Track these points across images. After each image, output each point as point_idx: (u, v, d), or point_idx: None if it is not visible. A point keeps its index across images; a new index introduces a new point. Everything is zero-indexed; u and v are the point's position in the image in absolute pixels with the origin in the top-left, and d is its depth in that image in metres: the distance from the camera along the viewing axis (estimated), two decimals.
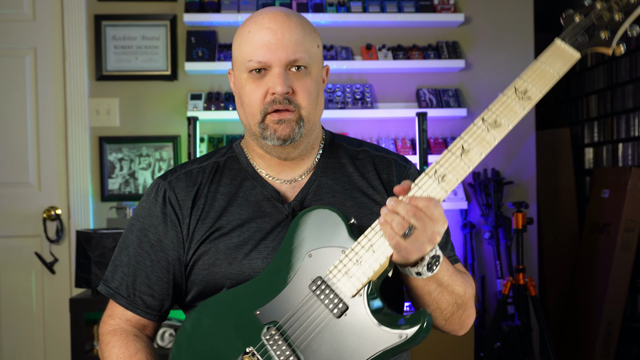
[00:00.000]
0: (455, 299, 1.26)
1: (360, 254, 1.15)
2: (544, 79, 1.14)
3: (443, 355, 2.88)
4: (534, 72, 1.15)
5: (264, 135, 1.30)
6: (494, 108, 1.14)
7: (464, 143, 1.13)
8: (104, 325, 1.37)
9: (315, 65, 1.32)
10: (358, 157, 1.41)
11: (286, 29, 1.27)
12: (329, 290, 1.16)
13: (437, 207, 1.12)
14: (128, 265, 1.35)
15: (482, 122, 1.14)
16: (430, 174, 1.14)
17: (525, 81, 1.14)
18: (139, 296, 1.34)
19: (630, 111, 3.96)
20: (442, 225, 1.13)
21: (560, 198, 4.33)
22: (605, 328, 3.72)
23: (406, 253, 1.12)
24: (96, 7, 3.36)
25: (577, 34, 1.14)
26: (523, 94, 1.13)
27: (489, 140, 1.13)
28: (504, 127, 1.13)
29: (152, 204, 1.36)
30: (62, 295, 3.31)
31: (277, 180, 1.37)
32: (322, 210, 1.23)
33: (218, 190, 1.35)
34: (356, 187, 1.37)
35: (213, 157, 1.42)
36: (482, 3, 3.51)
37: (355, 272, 1.14)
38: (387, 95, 3.48)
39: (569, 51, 1.15)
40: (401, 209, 1.11)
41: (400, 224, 1.10)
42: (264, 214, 1.32)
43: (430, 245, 1.13)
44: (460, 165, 1.13)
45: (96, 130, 3.36)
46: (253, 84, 1.29)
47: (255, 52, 1.27)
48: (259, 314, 1.19)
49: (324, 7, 3.36)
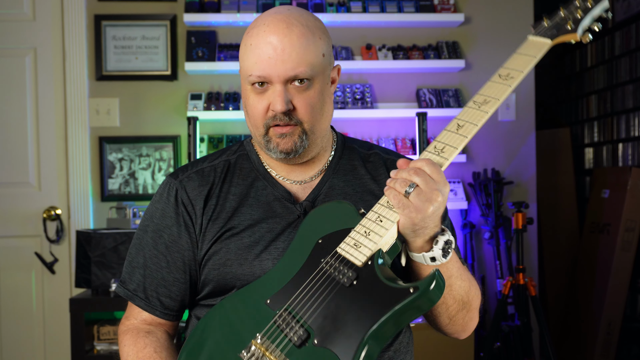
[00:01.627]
0: (461, 295, 1.26)
1: (368, 225, 1.15)
2: (523, 62, 1.24)
3: (443, 355, 2.88)
4: (513, 60, 1.26)
5: (268, 147, 1.30)
6: (483, 90, 1.23)
7: (458, 121, 1.20)
8: (121, 327, 1.39)
9: (319, 76, 1.29)
10: (369, 160, 1.42)
11: (287, 43, 1.24)
12: (338, 263, 1.15)
13: (436, 167, 1.14)
14: (145, 267, 1.36)
15: (473, 103, 1.22)
16: (430, 150, 1.19)
17: (507, 68, 1.25)
18: (157, 298, 1.35)
19: (630, 111, 3.96)
20: (444, 185, 1.13)
21: (560, 198, 4.33)
22: (605, 328, 3.72)
23: (409, 211, 1.11)
24: (96, 7, 3.36)
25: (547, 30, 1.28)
26: (507, 76, 1.23)
27: (481, 115, 1.20)
28: (493, 102, 1.21)
29: (165, 204, 1.36)
30: (62, 295, 3.31)
31: (287, 180, 1.37)
32: (330, 203, 1.26)
33: (230, 191, 1.35)
34: (368, 190, 1.37)
35: (224, 155, 1.42)
36: (482, 3, 3.51)
37: (364, 242, 1.14)
38: (387, 95, 3.48)
39: (541, 40, 1.27)
40: (403, 172, 1.14)
41: (402, 182, 1.12)
42: (275, 214, 1.32)
43: (432, 203, 1.12)
44: (457, 137, 1.18)
45: (96, 130, 3.36)
46: (255, 97, 1.29)
47: (255, 67, 1.26)
48: (269, 302, 1.19)
49: (324, 7, 3.36)
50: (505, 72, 1.25)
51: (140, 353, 1.31)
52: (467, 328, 1.33)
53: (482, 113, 1.19)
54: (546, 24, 1.29)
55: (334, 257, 1.16)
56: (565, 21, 1.28)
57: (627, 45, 3.99)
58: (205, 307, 1.35)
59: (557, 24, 1.28)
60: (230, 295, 1.27)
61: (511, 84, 1.22)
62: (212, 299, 1.33)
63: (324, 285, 1.15)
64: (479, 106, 1.21)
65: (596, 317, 3.77)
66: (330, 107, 1.35)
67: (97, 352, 2.88)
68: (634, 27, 3.90)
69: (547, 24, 1.29)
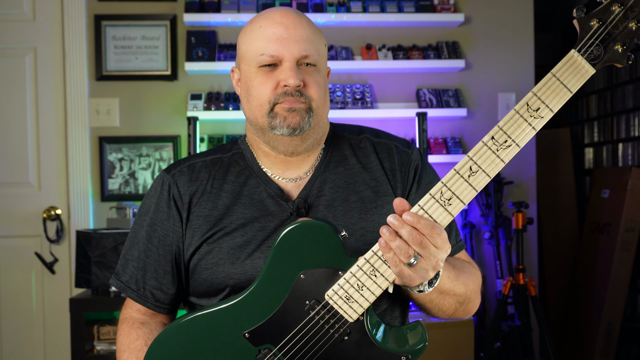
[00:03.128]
0: (457, 299, 1.27)
1: (362, 279, 1.12)
2: (558, 96, 1.07)
3: (443, 355, 2.87)
4: (547, 87, 1.07)
5: (273, 124, 1.29)
6: (506, 126, 1.07)
7: (472, 164, 1.08)
8: (120, 316, 1.41)
9: (323, 63, 1.33)
10: (360, 146, 1.40)
11: (298, 25, 1.29)
12: (329, 314, 1.14)
13: (442, 234, 1.08)
14: (138, 260, 1.37)
15: (492, 141, 1.07)
16: (437, 197, 1.09)
17: (539, 98, 1.07)
18: (149, 290, 1.36)
19: (630, 111, 3.96)
20: (446, 252, 1.10)
21: (560, 198, 4.33)
22: (605, 328, 3.72)
23: (409, 280, 1.10)
24: (96, 7, 3.36)
25: (593, 44, 1.06)
26: (536, 111, 1.07)
27: (497, 163, 1.07)
28: (513, 149, 1.07)
29: (158, 199, 1.37)
30: (62, 295, 3.31)
31: (282, 179, 1.36)
32: (310, 223, 1.16)
33: (222, 188, 1.35)
34: (360, 180, 1.36)
35: (218, 152, 1.42)
36: (482, 3, 3.51)
37: (357, 298, 1.13)
38: (387, 95, 3.48)
39: (584, 66, 1.07)
40: (405, 233, 1.07)
41: (405, 253, 1.07)
42: (268, 212, 1.32)
43: (433, 271, 1.11)
44: (467, 190, 1.08)
45: (96, 130, 3.36)
46: (263, 77, 1.29)
47: (268, 46, 1.27)
48: (248, 336, 1.17)
49: (324, 7, 3.36)
50: (535, 104, 1.06)
51: (132, 345, 1.33)
52: (468, 314, 1.35)
53: (499, 162, 1.07)
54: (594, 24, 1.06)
55: (324, 308, 1.15)
56: (615, 36, 1.05)
57: None
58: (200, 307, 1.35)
59: (605, 38, 1.06)
60: (197, 316, 1.21)
61: (537, 126, 1.07)
62: (207, 299, 1.34)
63: (315, 338, 1.15)
64: (497, 148, 1.07)
65: (596, 317, 3.77)
66: (329, 100, 1.38)
67: (97, 352, 2.88)
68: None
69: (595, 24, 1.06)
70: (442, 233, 1.08)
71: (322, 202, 1.33)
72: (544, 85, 1.07)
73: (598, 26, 1.05)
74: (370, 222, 1.31)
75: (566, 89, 1.06)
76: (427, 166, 1.41)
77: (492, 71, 3.51)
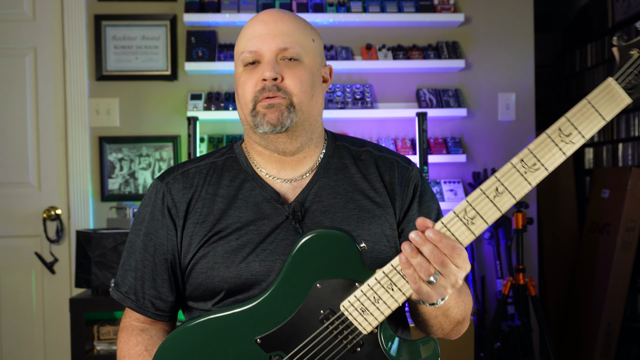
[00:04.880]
0: (457, 319, 1.29)
1: (379, 293, 1.12)
2: (592, 123, 1.05)
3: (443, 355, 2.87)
4: (582, 113, 1.05)
5: (256, 122, 1.30)
6: (535, 150, 1.06)
7: (498, 186, 1.07)
8: (120, 325, 1.42)
9: (309, 58, 1.32)
10: (361, 158, 1.40)
11: (278, 20, 1.31)
12: (343, 325, 1.14)
13: (463, 253, 1.08)
14: (136, 270, 1.37)
15: (521, 163, 1.07)
16: (461, 215, 1.08)
17: (573, 123, 1.05)
18: (148, 299, 1.36)
19: (630, 111, 3.96)
20: (465, 270, 1.10)
21: (560, 198, 4.34)
22: (605, 328, 3.72)
23: (427, 297, 1.10)
24: (96, 7, 3.36)
25: (631, 73, 1.04)
26: (567, 137, 1.06)
27: (525, 186, 1.06)
28: (541, 172, 1.06)
29: (152, 207, 1.37)
30: (62, 295, 3.31)
31: (277, 179, 1.35)
32: (330, 232, 1.15)
33: (217, 193, 1.35)
34: (358, 189, 1.35)
35: (212, 157, 1.41)
36: (482, 3, 3.51)
37: (373, 311, 1.12)
38: (387, 95, 3.48)
39: (621, 95, 1.05)
40: (427, 250, 1.06)
41: (426, 271, 1.06)
42: (264, 215, 1.31)
43: (452, 290, 1.11)
44: (492, 210, 1.07)
45: (96, 130, 3.36)
46: (247, 75, 1.31)
47: (247, 44, 1.31)
48: (260, 342, 1.16)
49: (324, 7, 3.36)
50: (568, 129, 1.05)
51: (132, 350, 1.33)
52: (459, 334, 1.36)
53: (526, 185, 1.06)
54: (635, 53, 1.05)
55: (339, 319, 1.14)
56: None
57: None
58: (197, 310, 1.35)
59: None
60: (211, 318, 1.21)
61: (567, 152, 1.06)
62: (203, 303, 1.33)
63: (328, 348, 1.14)
64: (526, 171, 1.06)
65: (596, 317, 3.77)
66: (321, 98, 1.36)
67: (97, 352, 2.88)
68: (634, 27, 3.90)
69: (636, 54, 1.05)
70: (463, 253, 1.07)
71: (319, 208, 1.32)
72: (578, 111, 1.06)
73: (638, 56, 1.05)
74: (367, 231, 1.31)
75: (600, 117, 1.05)
76: (426, 184, 1.42)
77: (492, 71, 3.51)
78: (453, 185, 3.41)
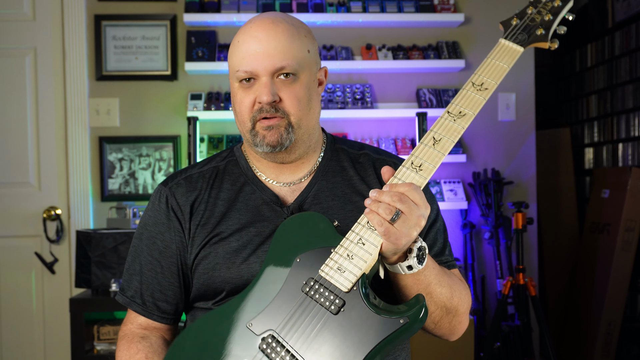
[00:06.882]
0: (443, 302, 1.26)
1: (350, 248, 1.16)
2: (496, 71, 1.26)
3: (443, 355, 2.88)
4: (486, 67, 1.26)
5: (255, 142, 1.31)
6: (457, 101, 1.23)
7: (434, 134, 1.21)
8: (119, 333, 1.42)
9: (305, 71, 1.31)
10: (359, 161, 1.41)
11: (272, 37, 1.28)
12: (323, 288, 1.16)
13: (418, 191, 1.15)
14: (141, 274, 1.38)
15: (448, 114, 1.22)
16: (407, 166, 1.19)
17: (480, 75, 1.25)
18: (154, 303, 1.37)
19: (630, 111, 3.96)
20: (425, 208, 1.15)
21: (560, 198, 4.33)
22: (605, 328, 3.72)
23: (395, 238, 1.13)
24: (96, 7, 3.36)
25: (516, 33, 1.29)
26: (480, 85, 1.24)
27: (456, 128, 1.20)
28: (468, 116, 1.22)
29: (157, 212, 1.39)
30: (62, 295, 3.31)
31: (276, 183, 1.37)
32: (304, 213, 1.26)
33: (218, 196, 1.37)
34: (356, 191, 1.37)
35: (213, 161, 1.43)
36: (482, 3, 3.51)
37: (348, 267, 1.15)
38: (387, 95, 3.48)
39: (513, 47, 1.28)
40: (385, 196, 1.14)
41: (387, 209, 1.13)
42: (263, 218, 1.33)
43: (417, 229, 1.14)
44: (434, 154, 1.19)
45: (96, 130, 3.36)
46: (243, 93, 1.31)
47: (242, 62, 1.29)
48: (251, 325, 1.19)
49: (324, 7, 3.37)
50: (479, 80, 1.25)
51: (133, 358, 1.33)
52: (455, 332, 1.34)
53: (458, 127, 1.21)
54: (514, 22, 1.30)
55: (317, 282, 1.17)
56: (535, 25, 1.28)
57: (627, 46, 3.98)
58: (199, 310, 1.37)
59: (527, 27, 1.28)
60: (206, 315, 1.26)
61: (485, 97, 1.24)
62: (205, 302, 1.35)
63: (311, 313, 1.16)
64: (454, 119, 1.22)
65: (596, 317, 3.77)
66: (318, 106, 1.37)
67: (97, 352, 2.89)
68: (634, 27, 3.90)
69: (516, 23, 1.30)
70: (418, 189, 1.15)
71: (317, 210, 1.34)
72: (483, 66, 1.27)
73: (517, 22, 1.30)
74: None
75: (502, 65, 1.26)
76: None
77: None
78: (453, 185, 3.41)
